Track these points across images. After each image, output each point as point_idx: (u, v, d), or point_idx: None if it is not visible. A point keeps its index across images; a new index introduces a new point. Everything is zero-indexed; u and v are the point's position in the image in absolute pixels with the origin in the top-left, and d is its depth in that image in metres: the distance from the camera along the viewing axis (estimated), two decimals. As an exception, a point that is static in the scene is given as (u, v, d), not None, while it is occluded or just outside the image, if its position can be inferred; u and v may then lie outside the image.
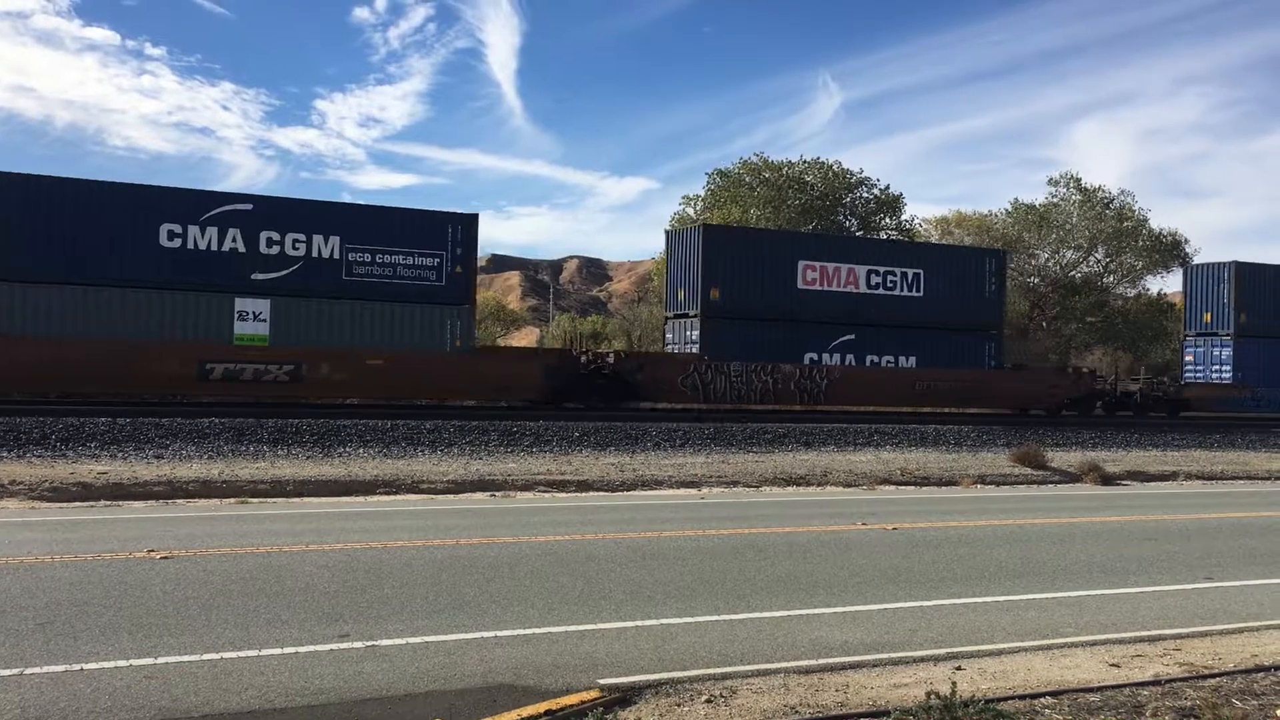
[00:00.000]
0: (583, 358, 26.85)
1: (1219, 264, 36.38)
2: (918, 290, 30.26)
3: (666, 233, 29.71)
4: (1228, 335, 34.34)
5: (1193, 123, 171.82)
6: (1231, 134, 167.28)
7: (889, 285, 30.00)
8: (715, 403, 27.08)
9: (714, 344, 27.63)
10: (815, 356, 28.92)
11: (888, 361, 29.82)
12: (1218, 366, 34.63)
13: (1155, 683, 6.80)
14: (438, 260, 24.56)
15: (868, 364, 29.49)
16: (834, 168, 49.25)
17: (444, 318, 24.55)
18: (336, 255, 23.70)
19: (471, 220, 24.96)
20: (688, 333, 28.53)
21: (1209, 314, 35.07)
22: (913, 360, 29.96)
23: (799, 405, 28.08)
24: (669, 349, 29.51)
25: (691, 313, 28.35)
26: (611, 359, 26.96)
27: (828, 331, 29.03)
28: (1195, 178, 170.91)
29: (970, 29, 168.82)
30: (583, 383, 26.06)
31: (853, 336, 29.31)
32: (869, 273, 29.67)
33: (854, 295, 29.39)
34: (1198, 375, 35.02)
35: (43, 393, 22.25)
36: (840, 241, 32.13)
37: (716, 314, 27.80)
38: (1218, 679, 6.93)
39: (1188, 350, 35.97)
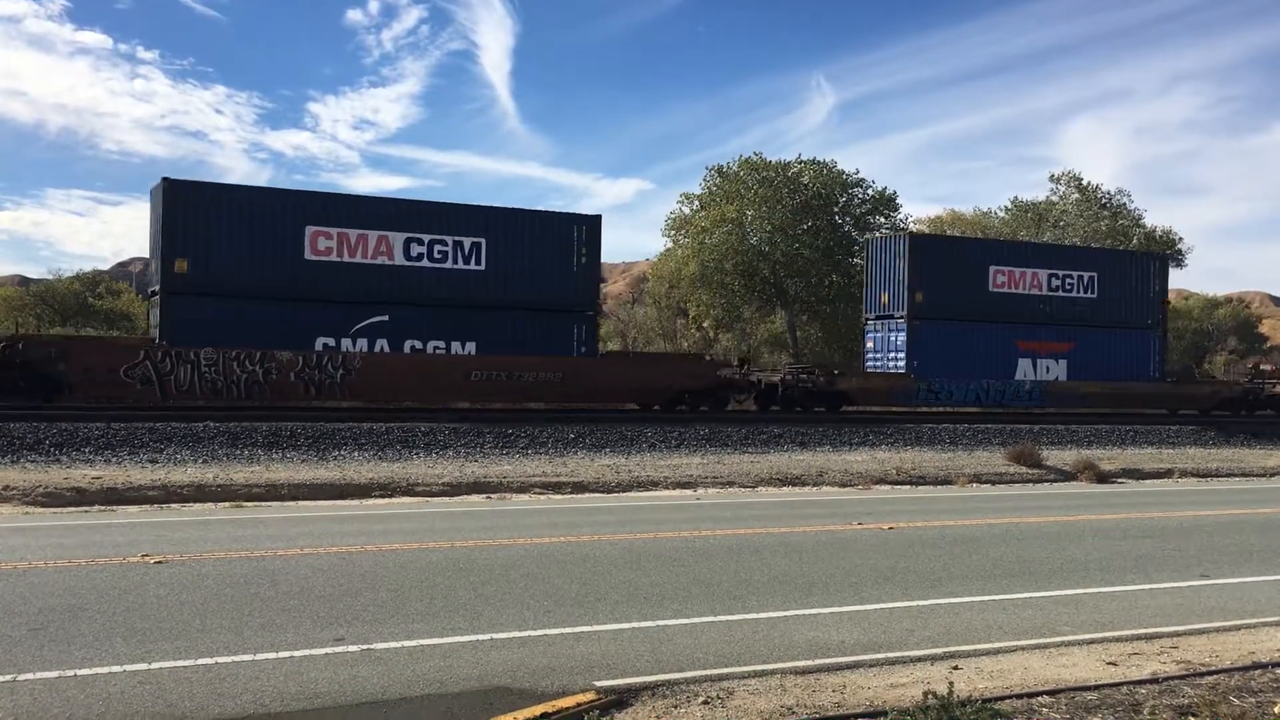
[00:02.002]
0: None
1: (894, 236, 31.92)
2: (478, 262, 25.42)
3: (151, 191, 24.48)
4: (902, 318, 30.02)
5: (1184, 120, 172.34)
6: (1223, 131, 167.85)
7: (436, 256, 25.03)
8: (181, 398, 22.25)
9: (184, 327, 22.95)
10: (332, 342, 24.21)
11: (437, 347, 25.13)
12: (894, 353, 30.29)
13: (1153, 681, 6.79)
14: None
15: (408, 350, 24.87)
16: (831, 168, 49.27)
17: None
18: None
19: None
20: (154, 315, 24.18)
21: (886, 294, 30.58)
22: (471, 346, 25.34)
23: (308, 401, 23.37)
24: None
25: (155, 290, 23.83)
26: (22, 345, 21.82)
27: (350, 312, 24.42)
28: (1188, 175, 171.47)
29: (962, 28, 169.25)
30: None
31: (386, 318, 24.72)
32: (408, 241, 24.85)
33: (387, 268, 24.61)
34: (877, 364, 31.05)
35: None
36: (364, 203, 25.42)
37: (184, 290, 23.07)
38: (1215, 676, 6.93)
39: (868, 336, 31.87)
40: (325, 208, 24.56)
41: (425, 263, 25.04)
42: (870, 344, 31.56)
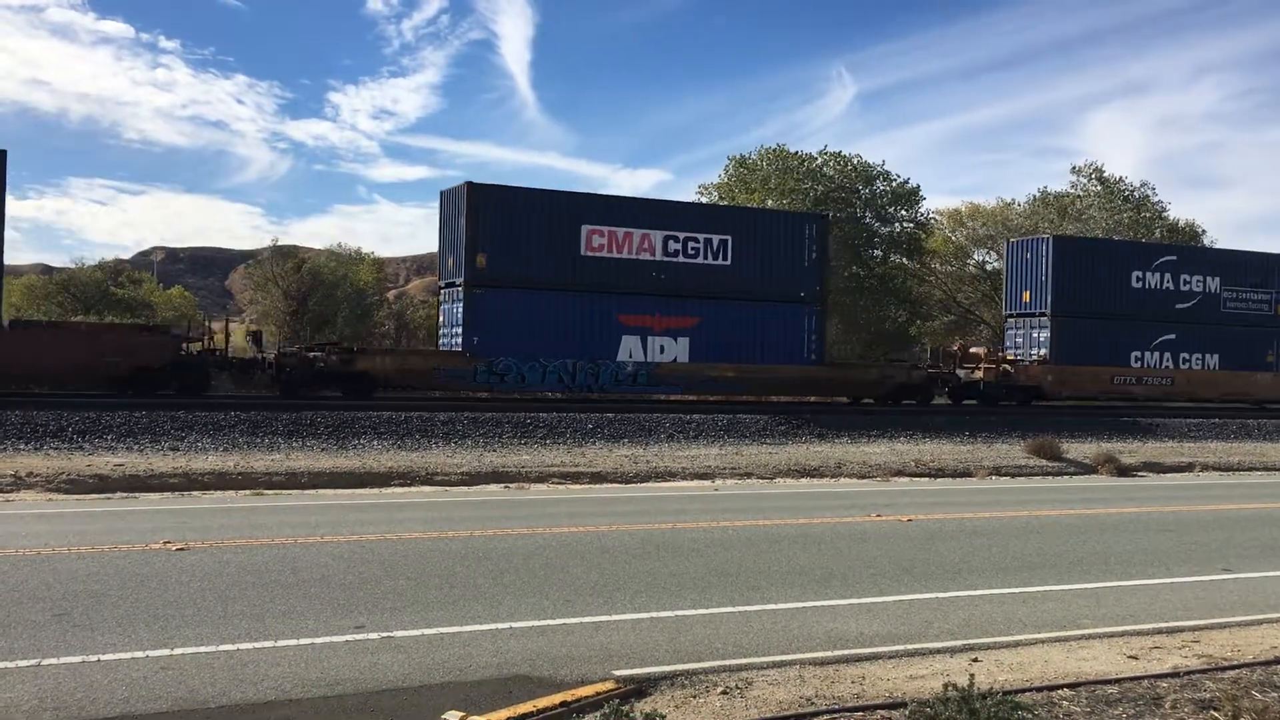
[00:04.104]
0: None
1: (459, 187, 26.08)
2: None
3: None
4: (460, 285, 25.12)
5: (1208, 112, 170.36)
6: (1247, 123, 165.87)
7: None
8: None
9: None
10: None
11: None
12: (455, 328, 25.58)
13: (1174, 674, 6.74)
14: None
15: None
16: (853, 160, 49.03)
17: None
18: None
19: None
20: None
21: (452, 257, 25.99)
22: None
23: None
24: None
25: None
26: None
27: None
28: (1211, 167, 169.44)
29: (984, 18, 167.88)
30: None
31: None
32: None
33: None
34: (445, 341, 26.26)
35: None
36: None
37: None
38: (1237, 671, 6.87)
39: (441, 308, 27.28)
40: None
41: None
42: (441, 317, 26.89)
